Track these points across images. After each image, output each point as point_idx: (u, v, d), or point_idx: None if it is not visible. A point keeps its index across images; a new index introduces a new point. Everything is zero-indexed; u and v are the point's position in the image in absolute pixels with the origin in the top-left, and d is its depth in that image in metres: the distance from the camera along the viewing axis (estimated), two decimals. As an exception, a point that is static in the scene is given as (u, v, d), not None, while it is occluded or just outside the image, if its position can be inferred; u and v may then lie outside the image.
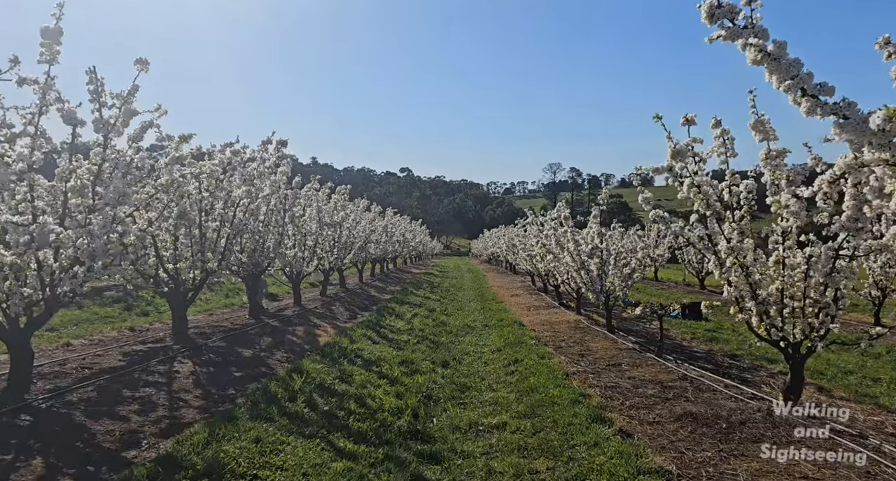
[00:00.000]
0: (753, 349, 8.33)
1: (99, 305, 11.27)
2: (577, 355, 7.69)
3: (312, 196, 11.58)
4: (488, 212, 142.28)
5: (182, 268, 6.88)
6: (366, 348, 7.71)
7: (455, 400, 5.36)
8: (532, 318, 11.60)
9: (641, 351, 7.67)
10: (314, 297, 14.34)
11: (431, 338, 9.01)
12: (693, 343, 9.23)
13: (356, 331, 9.20)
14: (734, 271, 4.30)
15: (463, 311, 12.94)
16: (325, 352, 7.06)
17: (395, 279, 23.09)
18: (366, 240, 17.04)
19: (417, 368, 6.61)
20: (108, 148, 4.56)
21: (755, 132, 3.65)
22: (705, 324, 10.93)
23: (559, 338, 9.06)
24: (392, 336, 9.11)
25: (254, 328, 8.52)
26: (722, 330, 10.48)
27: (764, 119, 3.65)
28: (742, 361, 7.56)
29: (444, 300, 15.60)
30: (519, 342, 8.58)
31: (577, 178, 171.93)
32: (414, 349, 7.99)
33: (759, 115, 3.67)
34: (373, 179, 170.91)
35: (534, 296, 16.40)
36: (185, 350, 6.46)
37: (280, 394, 4.91)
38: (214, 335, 7.63)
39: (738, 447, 3.82)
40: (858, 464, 3.46)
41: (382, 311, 12.26)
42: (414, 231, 34.75)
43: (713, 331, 10.15)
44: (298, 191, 9.45)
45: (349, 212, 13.98)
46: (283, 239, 9.16)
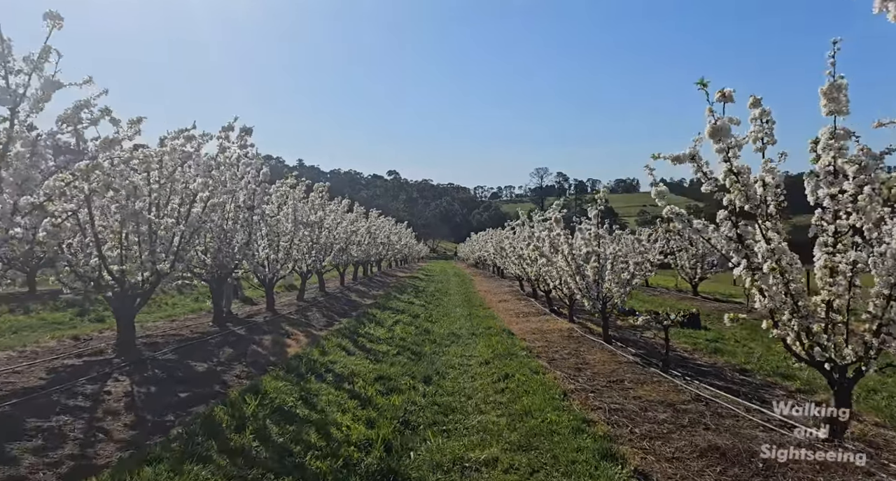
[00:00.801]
0: (763, 363, 7.72)
1: (50, 310, 10.29)
2: (573, 369, 6.97)
3: (287, 193, 10.73)
4: (475, 216, 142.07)
5: (129, 270, 6.01)
6: (339, 361, 6.89)
7: (437, 427, 4.58)
8: (522, 326, 10.88)
9: (644, 365, 6.97)
10: (290, 302, 13.46)
11: (413, 348, 8.22)
12: (696, 355, 8.57)
13: (330, 340, 8.37)
14: (772, 279, 3.61)
15: (448, 318, 12.17)
16: (290, 366, 6.24)
17: (378, 283, 22.24)
18: (347, 242, 16.18)
19: (395, 386, 5.82)
20: (17, 124, 3.72)
21: (826, 100, 2.96)
22: (705, 334, 10.31)
23: (552, 349, 8.34)
24: (370, 346, 8.31)
25: (215, 337, 7.65)
26: (724, 340, 9.85)
27: (842, 83, 2.94)
28: (753, 377, 6.90)
29: (428, 305, 14.81)
30: (509, 353, 7.84)
31: (563, 183, 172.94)
32: (393, 361, 7.19)
33: (835, 77, 2.94)
34: (359, 182, 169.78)
35: (523, 301, 15.69)
36: (127, 364, 5.59)
37: (226, 423, 4.08)
38: (167, 345, 6.76)
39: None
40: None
41: (362, 318, 11.44)
42: (399, 233, 33.92)
43: (715, 342, 9.52)
44: (268, 187, 8.61)
45: (328, 212, 13.13)
46: (252, 238, 8.30)
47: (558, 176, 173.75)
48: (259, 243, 10.44)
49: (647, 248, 8.05)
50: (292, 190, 10.81)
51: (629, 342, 9.16)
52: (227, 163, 6.51)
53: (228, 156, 6.42)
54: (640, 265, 7.81)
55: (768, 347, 9.08)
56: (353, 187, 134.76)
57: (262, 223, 9.85)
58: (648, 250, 7.85)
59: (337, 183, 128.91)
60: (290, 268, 11.55)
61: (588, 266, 7.90)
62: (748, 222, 3.99)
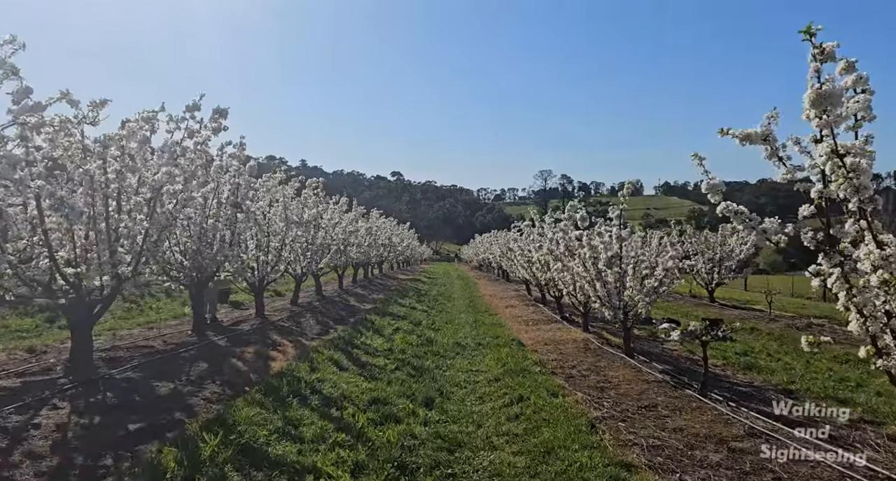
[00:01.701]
0: (808, 382, 6.84)
1: (19, 315, 9.49)
2: (594, 389, 6.11)
3: (276, 190, 9.88)
4: (478, 218, 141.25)
5: (85, 274, 5.18)
6: (328, 379, 6.05)
7: (440, 471, 3.73)
8: (532, 335, 10.01)
9: (675, 385, 6.10)
10: (282, 307, 12.63)
11: (414, 362, 7.37)
12: (728, 371, 7.68)
13: (322, 352, 7.53)
14: (882, 294, 2.75)
15: (452, 325, 11.31)
16: (271, 387, 5.39)
17: (379, 286, 21.39)
18: (345, 243, 15.34)
19: (391, 412, 4.97)
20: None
21: None
22: (732, 346, 9.41)
23: (568, 364, 7.48)
24: (366, 359, 7.46)
25: (191, 349, 6.81)
26: (755, 353, 8.96)
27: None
28: (801, 400, 6.00)
29: (431, 311, 13.95)
30: (521, 369, 6.98)
31: (567, 186, 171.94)
32: (391, 379, 6.35)
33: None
34: (363, 183, 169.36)
35: (531, 307, 14.81)
36: (74, 386, 4.76)
37: (172, 472, 3.23)
38: (131, 360, 5.92)
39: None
40: None
41: (359, 325, 10.59)
42: (402, 235, 33.08)
43: (746, 356, 8.63)
44: (253, 180, 7.75)
45: (321, 210, 12.27)
46: (237, 238, 7.47)
47: (562, 178, 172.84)
48: (248, 243, 9.63)
49: (679, 252, 7.17)
50: (282, 186, 9.96)
51: (652, 355, 8.29)
52: (198, 150, 5.67)
53: (199, 141, 5.59)
54: (670, 271, 6.93)
55: (807, 363, 8.20)
56: (355, 188, 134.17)
57: (251, 222, 9.03)
58: (680, 254, 6.96)
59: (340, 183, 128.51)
60: (281, 271, 10.72)
61: (610, 271, 7.03)
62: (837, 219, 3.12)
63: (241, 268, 8.60)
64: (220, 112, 5.59)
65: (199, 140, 5.60)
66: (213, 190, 6.94)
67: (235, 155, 7.06)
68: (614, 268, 7.05)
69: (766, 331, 11.00)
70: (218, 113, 5.58)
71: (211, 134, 5.66)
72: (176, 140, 5.23)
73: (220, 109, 5.58)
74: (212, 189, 6.93)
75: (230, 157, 7.02)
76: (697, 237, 15.80)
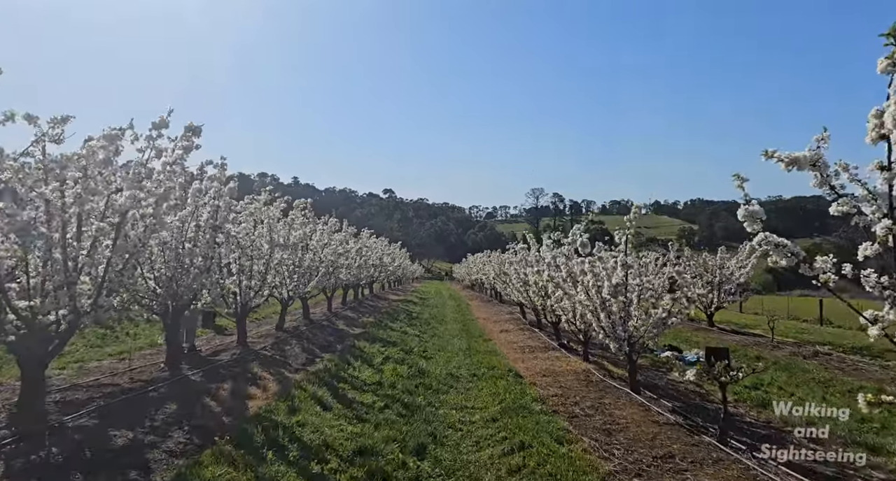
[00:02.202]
0: (828, 420, 6.38)
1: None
2: (601, 432, 5.60)
3: (261, 211, 9.39)
4: (470, 236, 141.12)
5: (39, 308, 4.64)
6: (310, 422, 5.49)
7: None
8: (529, 365, 9.50)
9: (689, 428, 5.61)
10: (267, 332, 12.01)
11: (404, 398, 6.83)
12: (740, 408, 7.22)
13: (306, 387, 6.96)
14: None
15: (445, 352, 10.76)
16: (244, 435, 4.83)
17: (369, 307, 20.78)
18: (334, 265, 14.81)
19: (379, 466, 4.42)
20: None
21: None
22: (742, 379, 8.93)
23: (570, 400, 6.97)
24: (353, 395, 6.91)
25: (161, 386, 6.22)
26: (764, 386, 8.51)
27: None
28: (826, 445, 5.52)
29: (423, 336, 13.38)
30: (520, 406, 6.47)
31: (559, 204, 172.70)
32: (379, 420, 5.80)
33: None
34: (354, 200, 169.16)
35: (526, 332, 14.29)
36: (15, 439, 4.17)
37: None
38: (91, 402, 5.33)
39: None
40: None
41: (347, 353, 10.02)
42: (393, 254, 32.55)
43: (757, 390, 8.17)
44: (234, 203, 7.24)
45: (309, 231, 11.77)
46: (214, 263, 6.94)
47: (554, 196, 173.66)
48: (232, 267, 9.09)
49: (688, 281, 6.75)
50: (267, 207, 9.46)
51: (658, 389, 7.80)
52: (167, 170, 5.17)
53: (168, 161, 5.09)
54: (678, 301, 6.50)
55: (823, 398, 7.75)
56: (347, 205, 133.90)
57: (233, 245, 8.52)
58: (695, 282, 6.53)
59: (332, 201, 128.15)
60: (265, 296, 10.16)
61: (615, 300, 6.59)
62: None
63: (220, 295, 8.04)
64: (193, 129, 5.11)
65: (168, 160, 5.11)
66: (191, 213, 6.44)
67: (215, 176, 6.57)
68: (619, 297, 6.60)
69: (772, 360, 10.56)
70: (190, 130, 5.09)
71: (182, 153, 5.18)
72: (141, 160, 4.74)
73: (192, 127, 5.09)
74: (190, 212, 6.43)
75: (210, 180, 6.53)
76: (696, 259, 15.47)
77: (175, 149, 5.13)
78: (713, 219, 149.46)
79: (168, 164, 5.15)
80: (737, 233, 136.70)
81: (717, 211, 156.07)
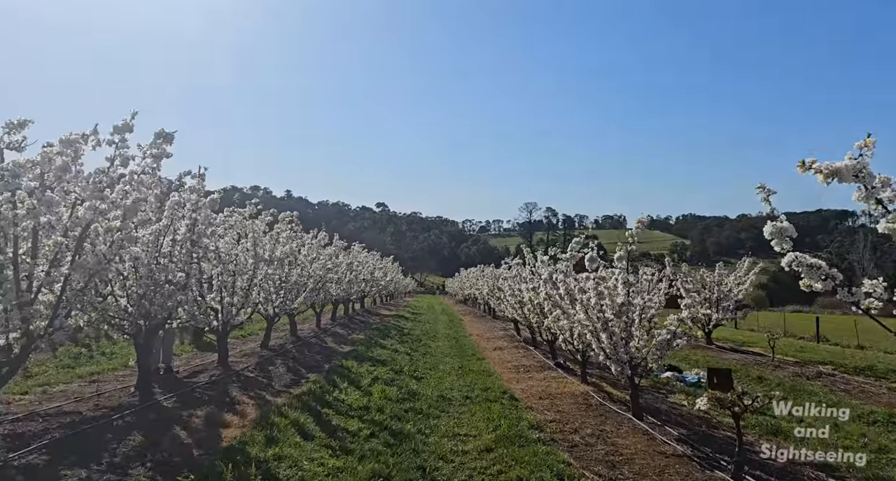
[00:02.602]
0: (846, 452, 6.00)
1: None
2: (605, 465, 5.19)
3: (245, 225, 8.98)
4: (463, 250, 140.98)
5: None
6: (289, 455, 5.03)
7: None
8: (525, 386, 9.08)
9: (701, 462, 5.21)
10: (251, 351, 11.51)
11: (393, 425, 6.37)
12: (749, 436, 6.80)
13: (287, 413, 6.49)
14: None
15: (437, 372, 10.31)
16: (213, 472, 4.37)
17: (359, 323, 20.26)
18: (322, 280, 14.35)
19: (361, 509, 3.98)
20: None
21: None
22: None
23: (569, 426, 6.56)
24: (337, 421, 6.44)
25: (128, 414, 5.73)
26: (772, 411, 8.11)
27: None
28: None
29: (414, 353, 12.91)
30: (516, 434, 6.05)
31: (552, 218, 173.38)
32: (364, 451, 5.34)
33: None
34: (348, 213, 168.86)
35: (521, 350, 13.86)
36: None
37: None
38: (46, 434, 4.84)
39: None
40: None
41: (334, 374, 9.53)
42: (385, 268, 32.08)
43: (763, 414, 7.77)
44: (213, 216, 6.81)
45: (296, 246, 11.35)
46: (188, 280, 6.50)
47: (547, 210, 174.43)
48: (213, 282, 8.64)
49: (697, 301, 6.42)
50: (251, 221, 9.05)
51: (660, 414, 7.40)
52: (134, 181, 4.75)
53: (136, 171, 4.68)
54: (684, 321, 6.15)
55: (835, 425, 7.38)
56: (340, 219, 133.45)
57: (214, 260, 8.09)
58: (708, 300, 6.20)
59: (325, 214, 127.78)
60: (249, 313, 9.70)
61: (618, 321, 6.22)
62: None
63: (199, 313, 7.57)
64: (165, 136, 4.70)
65: (136, 170, 4.71)
66: (166, 227, 6.03)
67: (194, 188, 6.17)
68: (622, 318, 6.24)
69: (776, 381, 10.20)
70: (161, 137, 4.69)
71: (152, 161, 4.77)
72: (103, 168, 4.34)
73: (164, 133, 4.68)
74: (165, 226, 6.02)
75: (188, 191, 6.13)
76: (693, 275, 15.18)
77: (145, 156, 4.73)
78: (705, 235, 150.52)
79: (136, 174, 4.74)
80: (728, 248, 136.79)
81: (708, 226, 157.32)
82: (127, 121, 4.37)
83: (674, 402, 8.68)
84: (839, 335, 22.73)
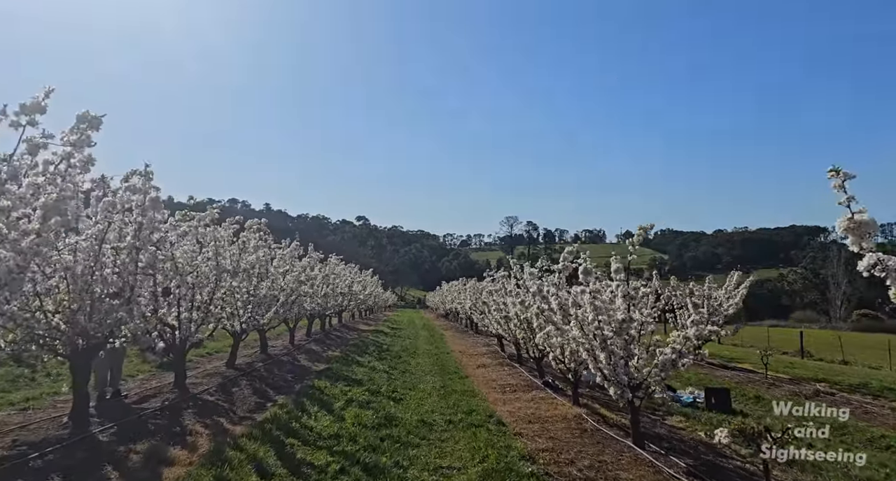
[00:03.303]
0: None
1: None
2: (609, 505, 4.51)
3: (205, 232, 8.15)
4: (445, 264, 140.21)
5: None
6: (240, 500, 4.23)
7: None
8: (512, 408, 8.37)
9: (717, 500, 4.58)
10: (216, 370, 10.57)
11: (366, 458, 5.60)
12: (749, 463, 6.21)
13: (245, 446, 5.68)
14: None
15: (417, 392, 9.54)
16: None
17: (336, 339, 19.31)
18: (296, 294, 13.48)
19: None
20: None
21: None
22: (742, 422, 7.98)
23: (563, 456, 5.88)
24: (303, 454, 5.64)
25: (50, 452, 4.85)
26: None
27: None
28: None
29: (393, 371, 12.09)
30: (505, 467, 5.37)
31: (533, 232, 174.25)
32: (331, 493, 4.57)
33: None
34: (327, 227, 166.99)
35: (506, 367, 13.15)
36: None
37: None
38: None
39: None
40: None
41: (305, 396, 8.69)
42: (364, 282, 31.14)
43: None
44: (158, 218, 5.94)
45: (262, 257, 10.53)
46: (132, 294, 5.67)
47: (528, 224, 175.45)
48: (173, 294, 7.78)
49: (704, 317, 5.83)
50: (213, 228, 8.22)
51: (661, 440, 6.77)
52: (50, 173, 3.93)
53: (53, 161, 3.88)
54: (689, 340, 5.56)
55: (848, 448, 6.86)
56: (320, 232, 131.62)
57: (171, 270, 7.27)
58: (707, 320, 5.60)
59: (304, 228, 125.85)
60: (210, 330, 8.83)
61: (618, 339, 5.60)
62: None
63: (147, 330, 6.71)
64: (90, 120, 3.90)
65: (51, 160, 3.90)
66: (102, 230, 5.22)
67: (137, 187, 5.36)
68: (623, 336, 5.62)
69: (773, 400, 9.69)
70: (86, 121, 3.90)
71: (72, 150, 3.97)
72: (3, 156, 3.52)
73: (89, 116, 3.87)
74: (101, 230, 5.22)
75: (129, 190, 5.31)
76: (682, 289, 14.75)
77: (65, 144, 3.93)
78: (682, 250, 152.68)
79: (50, 164, 3.94)
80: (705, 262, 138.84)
81: (686, 241, 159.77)
82: (38, 100, 3.54)
83: (672, 425, 8.09)
84: (821, 350, 22.63)
